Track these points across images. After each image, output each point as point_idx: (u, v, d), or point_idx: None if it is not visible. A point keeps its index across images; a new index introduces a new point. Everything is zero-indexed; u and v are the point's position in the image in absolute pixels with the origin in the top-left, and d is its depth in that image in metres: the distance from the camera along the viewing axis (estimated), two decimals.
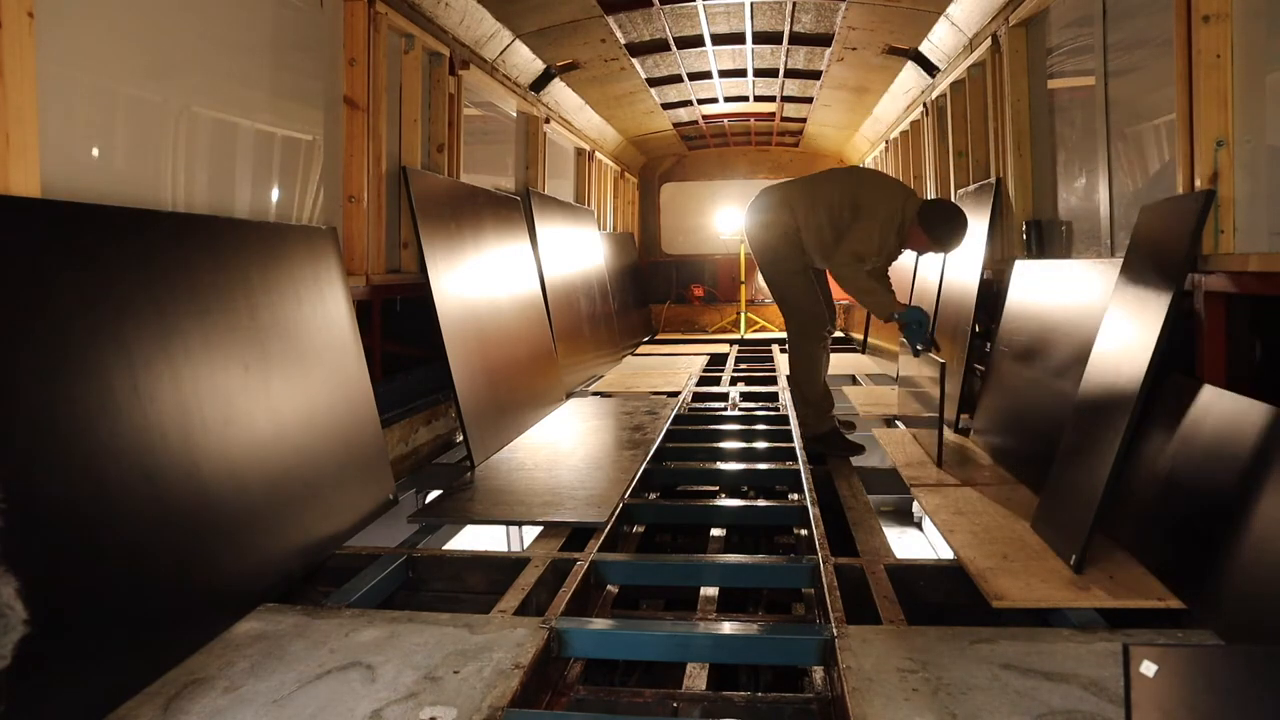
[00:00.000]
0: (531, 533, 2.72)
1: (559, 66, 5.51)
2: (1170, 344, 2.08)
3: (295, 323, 2.51)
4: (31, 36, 1.71)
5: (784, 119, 8.06)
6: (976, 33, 4.30)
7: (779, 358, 7.18)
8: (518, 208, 4.96)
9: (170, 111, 2.41)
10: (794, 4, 4.77)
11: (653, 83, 6.46)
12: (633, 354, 7.65)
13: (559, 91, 5.93)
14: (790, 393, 3.92)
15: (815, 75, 6.27)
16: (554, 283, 5.40)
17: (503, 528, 4.30)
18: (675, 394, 5.28)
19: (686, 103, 7.31)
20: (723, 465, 3.57)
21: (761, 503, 3.11)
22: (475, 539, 3.74)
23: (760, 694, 1.90)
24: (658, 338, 9.16)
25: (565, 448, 3.74)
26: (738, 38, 5.46)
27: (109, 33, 2.15)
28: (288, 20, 2.97)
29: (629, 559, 2.46)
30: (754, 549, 3.05)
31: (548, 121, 5.94)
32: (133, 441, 1.77)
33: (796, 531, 2.96)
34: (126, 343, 1.82)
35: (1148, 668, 1.19)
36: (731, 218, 9.50)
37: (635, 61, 5.76)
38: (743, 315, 9.25)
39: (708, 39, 5.46)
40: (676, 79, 6.42)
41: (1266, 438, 1.82)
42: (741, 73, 6.34)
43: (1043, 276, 3.29)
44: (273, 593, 2.08)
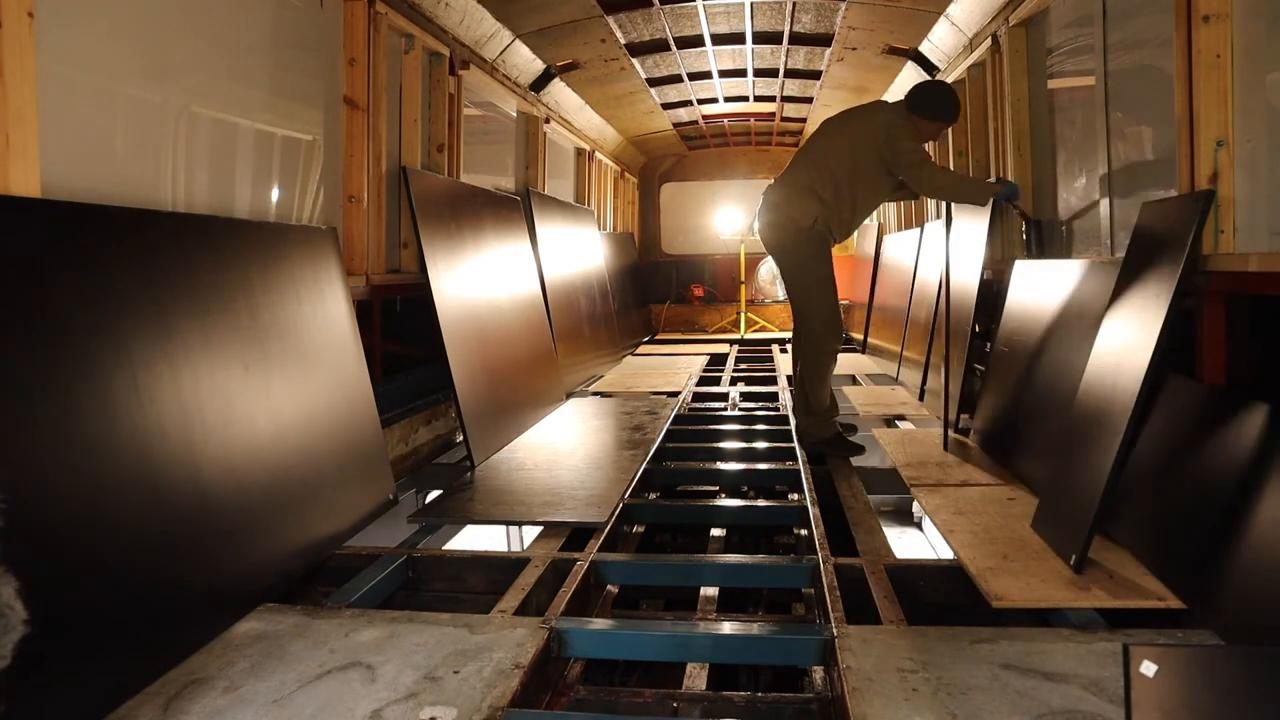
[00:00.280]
0: (531, 533, 2.72)
1: (559, 66, 5.51)
2: (1170, 344, 2.08)
3: (295, 323, 2.51)
4: (31, 36, 1.71)
5: (784, 119, 8.06)
6: (976, 33, 4.30)
7: (779, 358, 7.18)
8: (518, 208, 4.96)
9: (170, 111, 2.41)
10: (794, 4, 4.77)
11: (653, 83, 6.46)
12: (633, 354, 7.65)
13: (559, 91, 5.93)
14: (794, 399, 3.81)
15: (815, 75, 6.27)
16: (554, 283, 5.40)
17: (503, 528, 4.30)
18: (675, 394, 5.28)
19: (686, 103, 7.31)
20: (723, 465, 3.57)
21: (761, 503, 3.12)
22: (475, 539, 3.74)
23: (760, 694, 1.90)
24: (658, 338, 9.16)
25: (565, 448, 3.74)
26: (738, 38, 5.46)
27: (109, 33, 2.15)
28: (288, 20, 2.97)
29: (629, 559, 2.46)
30: (754, 549, 3.05)
31: (548, 121, 5.94)
32: (132, 441, 1.77)
33: (796, 531, 2.97)
34: (126, 343, 1.82)
35: (1148, 668, 1.19)
36: (731, 217, 9.50)
37: (635, 61, 5.76)
38: (743, 315, 9.25)
39: (708, 39, 5.45)
40: (676, 79, 6.42)
41: (1266, 438, 1.82)
42: (741, 73, 6.34)
43: (1043, 276, 3.29)
44: (273, 593, 2.08)
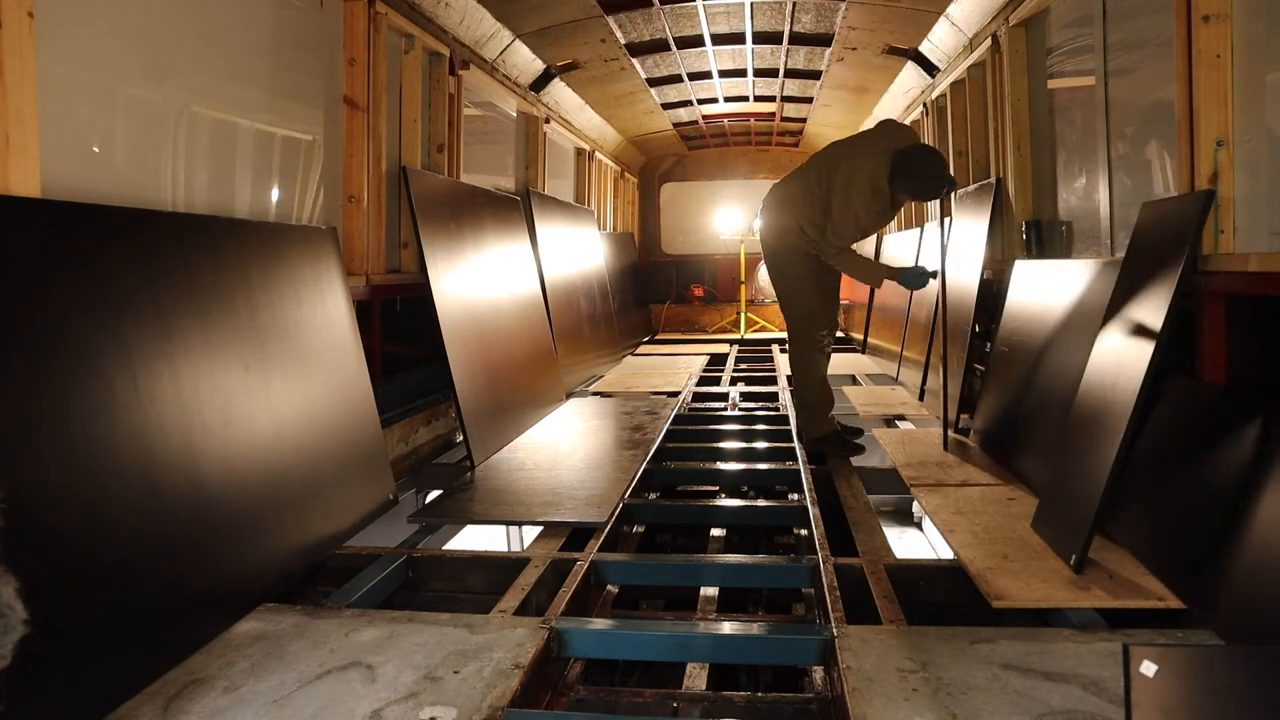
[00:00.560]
0: (531, 533, 2.72)
1: (559, 66, 5.51)
2: (1170, 344, 2.08)
3: (295, 323, 2.51)
4: (31, 36, 1.71)
5: (784, 119, 8.06)
6: (976, 33, 4.30)
7: (779, 358, 7.18)
8: (518, 208, 4.96)
9: (170, 111, 2.41)
10: (794, 4, 4.77)
11: (653, 83, 6.46)
12: (633, 354, 7.65)
13: (559, 91, 5.93)
14: (792, 398, 3.88)
15: (815, 75, 6.27)
16: (554, 283, 5.40)
17: (503, 528, 4.30)
18: (675, 394, 5.28)
19: (686, 103, 7.30)
20: (723, 465, 3.57)
21: (761, 503, 3.12)
22: (475, 539, 3.74)
23: (760, 694, 1.90)
24: (658, 338, 9.16)
25: (565, 448, 3.74)
26: (738, 38, 5.46)
27: (109, 33, 2.15)
28: (288, 20, 2.97)
29: (629, 559, 2.46)
30: (754, 549, 3.05)
31: (548, 121, 5.94)
32: (132, 441, 1.77)
33: (796, 531, 2.97)
34: (126, 343, 1.82)
35: (1148, 668, 1.19)
36: (731, 217, 9.50)
37: (635, 61, 5.76)
38: (743, 315, 9.25)
39: (708, 39, 5.45)
40: (676, 79, 6.42)
41: (1266, 438, 1.82)
42: (741, 73, 6.34)
43: (1043, 276, 3.29)
44: (273, 593, 2.08)
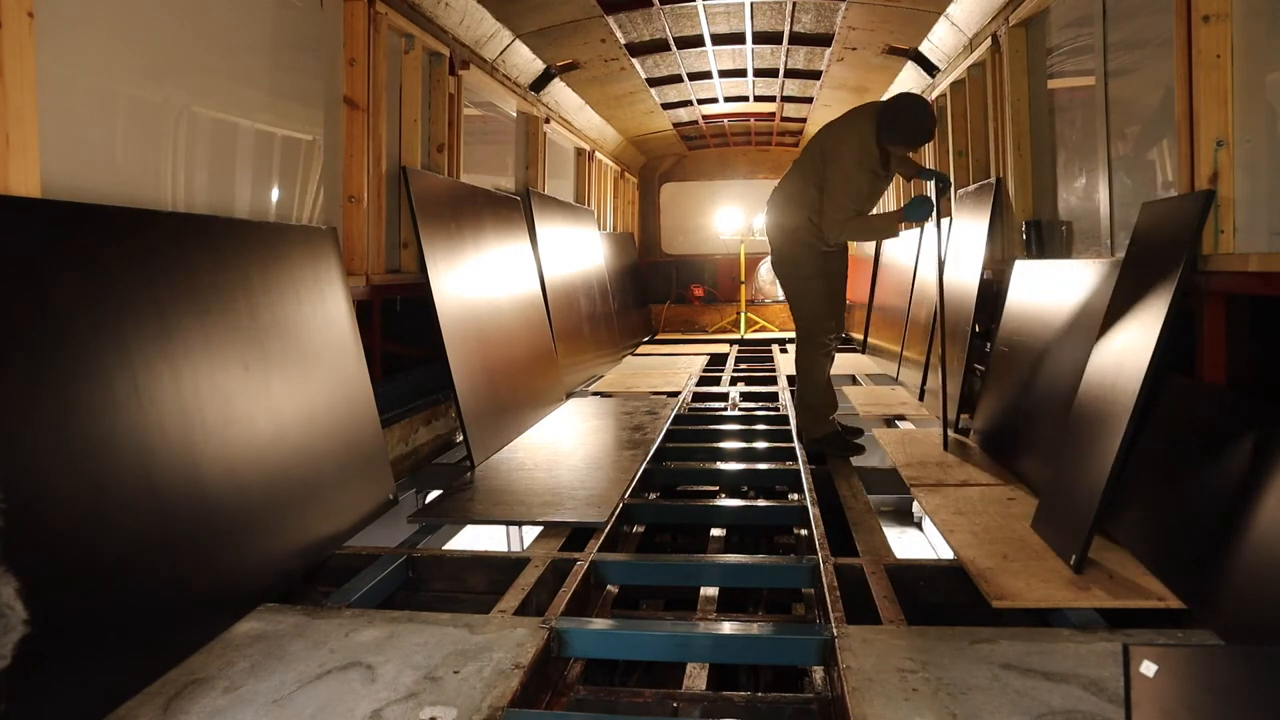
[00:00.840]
0: (531, 533, 2.72)
1: (559, 66, 5.51)
2: (1170, 344, 2.08)
3: (295, 323, 2.51)
4: (31, 36, 1.71)
5: (784, 119, 8.06)
6: (976, 33, 4.30)
7: (779, 358, 7.18)
8: (518, 208, 4.96)
9: (170, 111, 2.41)
10: (794, 4, 4.77)
11: (653, 83, 6.46)
12: (633, 354, 7.66)
13: (559, 91, 5.93)
14: (794, 397, 3.87)
15: (815, 75, 6.27)
16: (554, 283, 5.40)
17: (503, 528, 4.30)
18: (675, 394, 5.28)
19: (686, 103, 7.31)
20: (723, 465, 3.57)
21: (761, 503, 3.12)
22: (475, 539, 3.74)
23: (760, 694, 1.90)
24: (658, 338, 9.16)
25: (565, 448, 3.74)
26: (738, 38, 5.46)
27: (109, 33, 2.15)
28: (287, 20, 2.97)
29: (629, 559, 2.46)
30: (754, 549, 3.05)
31: (548, 121, 5.94)
32: (132, 441, 1.77)
33: (796, 531, 2.97)
34: (126, 343, 1.82)
35: (1148, 668, 1.19)
36: (731, 217, 9.50)
37: (635, 61, 5.76)
38: (743, 315, 9.25)
39: (708, 39, 5.45)
40: (676, 79, 6.42)
41: (1266, 438, 1.82)
42: (741, 73, 6.34)
43: (1043, 276, 3.29)
44: (273, 593, 2.08)
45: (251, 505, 2.11)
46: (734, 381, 6.08)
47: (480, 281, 4.02)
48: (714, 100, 7.27)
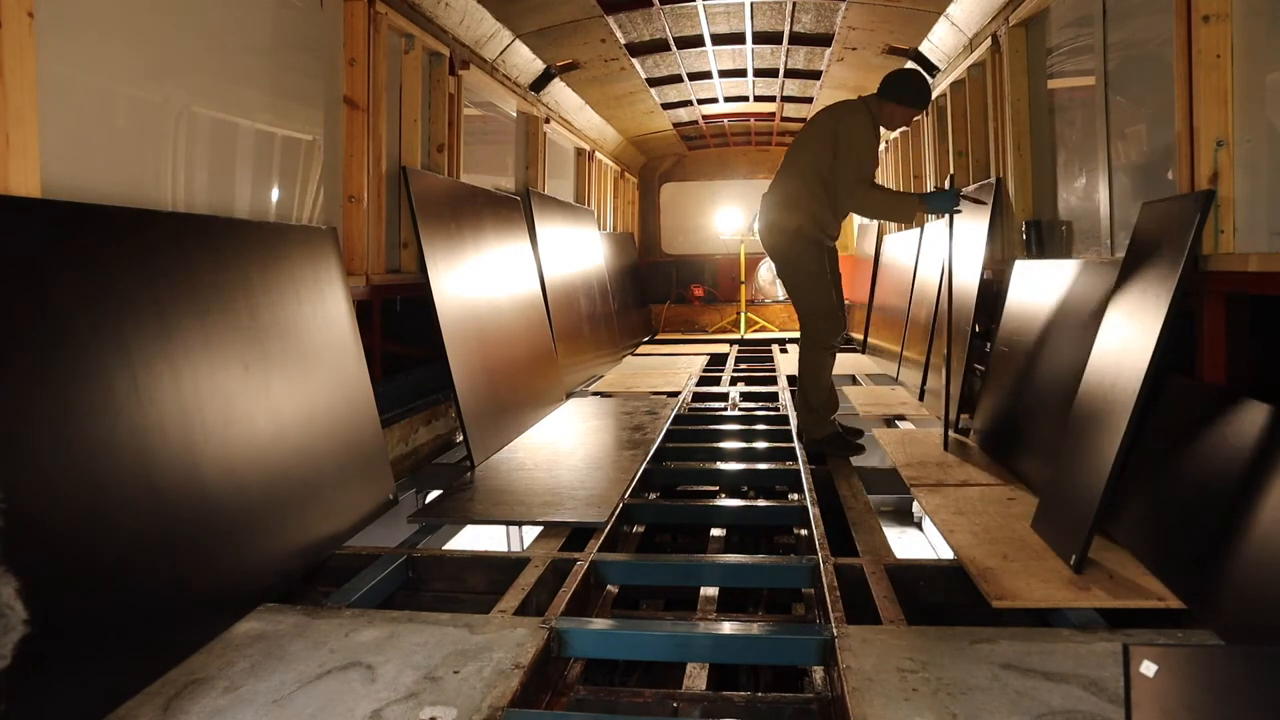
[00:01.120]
0: (531, 533, 2.72)
1: (559, 66, 5.51)
2: (1170, 344, 2.08)
3: (295, 323, 2.51)
4: (31, 36, 1.71)
5: (784, 119, 8.06)
6: (976, 33, 4.30)
7: (779, 358, 7.19)
8: (518, 208, 4.96)
9: (170, 111, 2.41)
10: (794, 4, 4.77)
11: (653, 83, 6.46)
12: (633, 354, 7.66)
13: (559, 91, 5.93)
14: (795, 397, 3.86)
15: (815, 75, 6.28)
16: (554, 283, 5.40)
17: (503, 528, 4.30)
18: (675, 394, 5.28)
19: (686, 103, 7.31)
20: (723, 465, 3.57)
21: (761, 503, 3.11)
22: (475, 539, 3.74)
23: (760, 694, 1.90)
24: (658, 338, 9.16)
25: (565, 448, 3.74)
26: (738, 38, 5.46)
27: (109, 33, 2.15)
28: (288, 20, 2.97)
29: (629, 559, 2.46)
30: (754, 549, 3.05)
31: (548, 121, 5.94)
32: (132, 441, 1.77)
33: (796, 531, 2.97)
34: (126, 343, 1.82)
35: (1148, 668, 1.19)
36: (731, 217, 9.50)
37: (635, 61, 5.76)
38: (743, 315, 9.25)
39: (708, 39, 5.45)
40: (676, 79, 6.42)
41: (1266, 438, 1.82)
42: (741, 73, 6.34)
43: (1043, 276, 3.29)
44: (273, 593, 2.08)
45: (251, 505, 2.11)
46: (734, 381, 6.08)
47: (480, 281, 4.02)
48: (714, 100, 7.27)
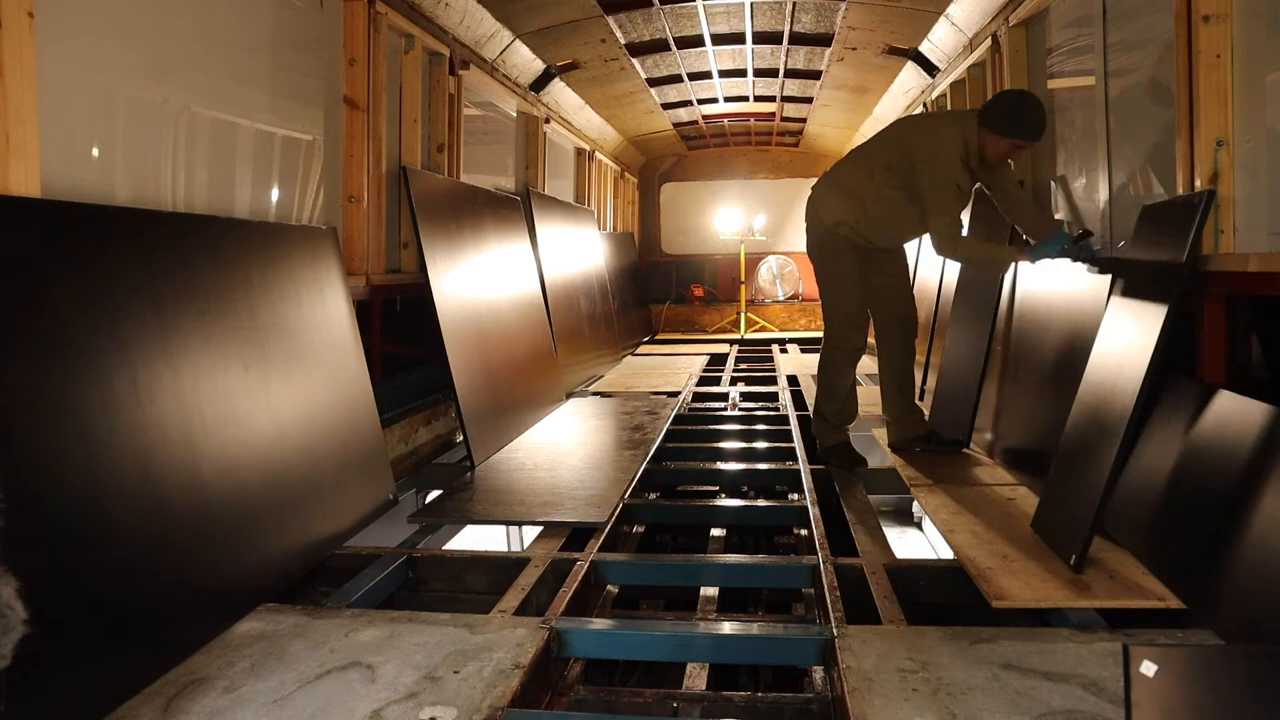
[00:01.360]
0: (531, 533, 2.72)
1: (559, 66, 5.51)
2: (1170, 344, 2.07)
3: (295, 323, 2.51)
4: (31, 36, 1.71)
5: (784, 119, 8.06)
6: (976, 33, 4.30)
7: (779, 358, 7.19)
8: (518, 208, 4.96)
9: (170, 111, 2.41)
10: (794, 4, 4.77)
11: (653, 83, 6.46)
12: (633, 354, 7.66)
13: (559, 91, 5.93)
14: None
15: (815, 75, 6.28)
16: (554, 283, 5.40)
17: (503, 528, 4.29)
18: (675, 394, 5.28)
19: (686, 103, 7.31)
20: (723, 465, 3.57)
21: (761, 503, 3.12)
22: (475, 539, 3.74)
23: (760, 694, 1.90)
24: (658, 338, 9.16)
25: (565, 448, 3.74)
26: (738, 38, 5.46)
27: (109, 33, 2.15)
28: (287, 20, 2.97)
29: (629, 559, 2.46)
30: (754, 549, 3.05)
31: (548, 121, 5.94)
32: (132, 441, 1.77)
33: (796, 531, 2.97)
34: (126, 343, 1.82)
35: (1148, 668, 1.19)
36: (731, 217, 9.50)
37: (635, 61, 5.76)
38: (743, 315, 9.25)
39: (708, 39, 5.46)
40: (676, 79, 6.42)
41: (1266, 438, 1.82)
42: (741, 73, 6.34)
43: (1043, 276, 3.28)
44: (273, 592, 2.08)
45: (251, 505, 2.11)
46: (734, 381, 6.08)
47: (480, 281, 4.02)
48: (714, 100, 7.27)
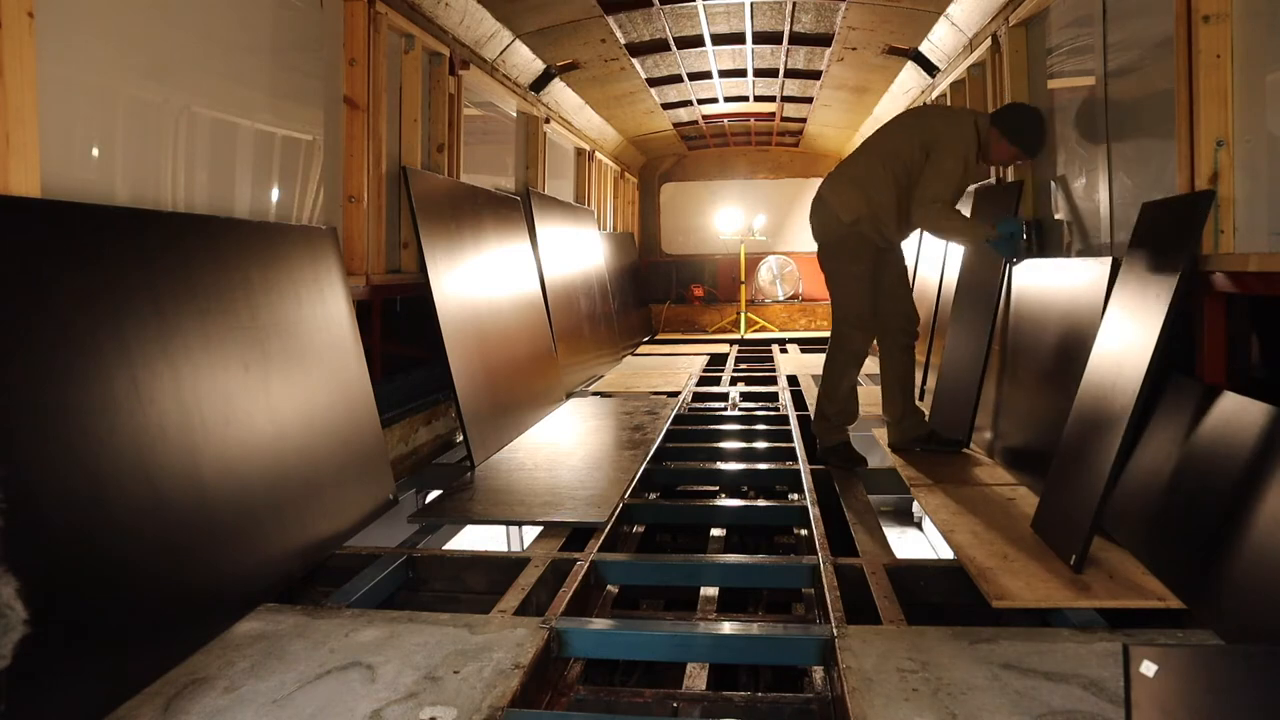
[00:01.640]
0: (531, 533, 2.72)
1: (559, 66, 5.51)
2: (1170, 344, 2.07)
3: (295, 323, 2.51)
4: (31, 36, 1.71)
5: (784, 119, 8.06)
6: (976, 33, 4.30)
7: (779, 358, 7.19)
8: (518, 208, 4.96)
9: (170, 111, 2.41)
10: (794, 4, 4.77)
11: (653, 83, 6.46)
12: (633, 354, 7.66)
13: (559, 91, 5.93)
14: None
15: (815, 75, 6.28)
16: (554, 283, 5.40)
17: (503, 528, 4.29)
18: (675, 394, 5.28)
19: (686, 103, 7.31)
20: (723, 465, 3.57)
21: (761, 503, 3.12)
22: (475, 539, 3.74)
23: (760, 694, 1.90)
24: (658, 338, 9.16)
25: (565, 448, 3.74)
26: (738, 38, 5.46)
27: (109, 33, 2.15)
28: (287, 20, 2.97)
29: (629, 559, 2.46)
30: (754, 549, 3.05)
31: (548, 121, 5.94)
32: (132, 441, 1.77)
33: (796, 531, 2.97)
34: (126, 343, 1.82)
35: (1148, 668, 1.19)
36: (731, 217, 9.50)
37: (635, 61, 5.76)
38: (743, 315, 9.25)
39: (708, 39, 5.46)
40: (676, 79, 6.42)
41: (1266, 438, 1.82)
42: (741, 73, 6.34)
43: (1042, 276, 3.28)
44: (273, 593, 2.08)
45: (251, 505, 2.11)
46: (734, 381, 6.08)
47: (480, 281, 4.02)
48: (714, 100, 7.27)
